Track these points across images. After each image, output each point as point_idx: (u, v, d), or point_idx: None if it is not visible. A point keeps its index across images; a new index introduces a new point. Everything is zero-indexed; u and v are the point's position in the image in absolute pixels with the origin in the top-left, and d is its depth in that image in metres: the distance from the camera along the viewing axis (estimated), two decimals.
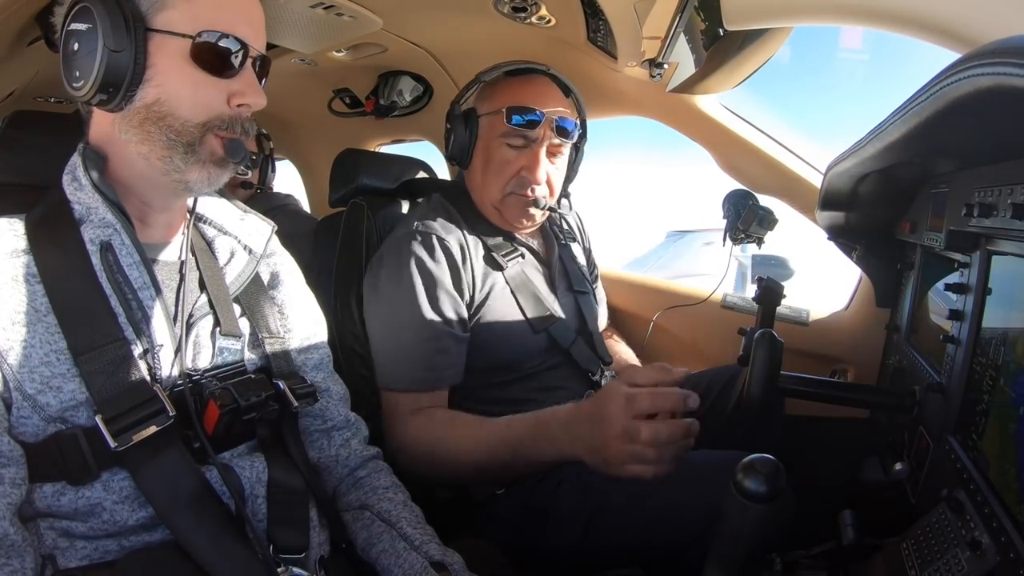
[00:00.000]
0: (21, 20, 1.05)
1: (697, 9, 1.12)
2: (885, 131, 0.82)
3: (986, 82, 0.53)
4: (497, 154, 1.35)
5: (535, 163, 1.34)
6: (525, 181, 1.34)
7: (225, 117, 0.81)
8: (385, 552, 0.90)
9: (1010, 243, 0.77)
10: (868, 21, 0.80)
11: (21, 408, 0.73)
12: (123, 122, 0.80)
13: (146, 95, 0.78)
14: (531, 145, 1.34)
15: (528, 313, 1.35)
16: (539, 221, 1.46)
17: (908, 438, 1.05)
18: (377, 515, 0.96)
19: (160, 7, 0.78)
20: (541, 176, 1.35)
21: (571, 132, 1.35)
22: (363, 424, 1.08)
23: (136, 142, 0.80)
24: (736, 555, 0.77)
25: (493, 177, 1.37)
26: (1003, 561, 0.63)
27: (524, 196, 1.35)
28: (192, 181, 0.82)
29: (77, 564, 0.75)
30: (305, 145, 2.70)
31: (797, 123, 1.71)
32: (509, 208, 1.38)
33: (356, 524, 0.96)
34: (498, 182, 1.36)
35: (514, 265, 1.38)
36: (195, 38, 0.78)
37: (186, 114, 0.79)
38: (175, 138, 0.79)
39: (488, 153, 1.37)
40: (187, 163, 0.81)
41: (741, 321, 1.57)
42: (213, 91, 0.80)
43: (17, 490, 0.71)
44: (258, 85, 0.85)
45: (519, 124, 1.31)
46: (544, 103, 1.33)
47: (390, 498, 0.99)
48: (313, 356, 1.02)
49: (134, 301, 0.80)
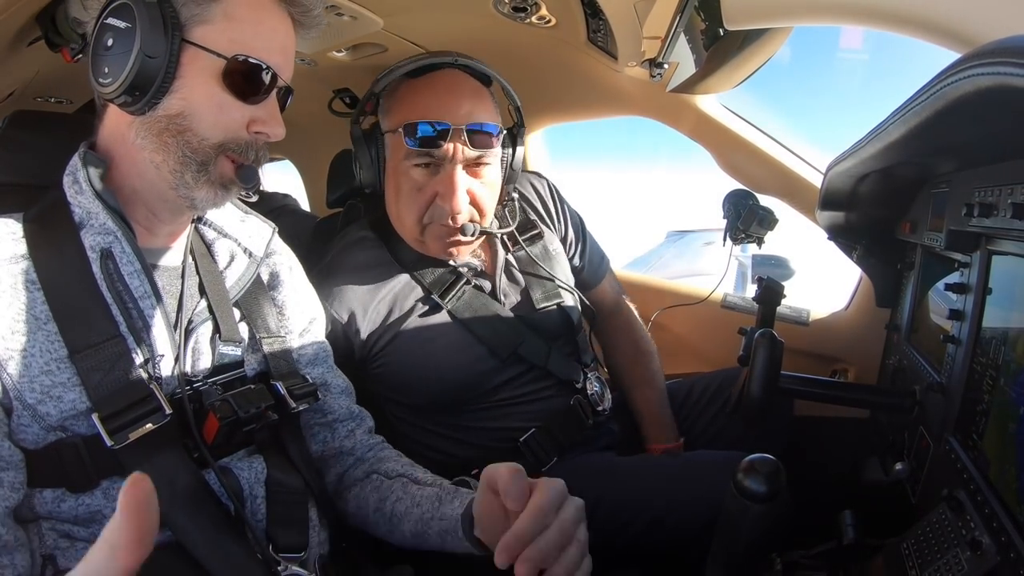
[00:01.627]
0: (21, 20, 1.05)
1: (697, 9, 1.11)
2: (885, 131, 0.82)
3: (986, 82, 0.53)
4: (406, 179, 1.14)
5: (450, 188, 1.12)
6: (443, 211, 1.13)
7: (241, 141, 0.81)
8: (400, 500, 0.90)
9: (1010, 243, 0.77)
10: (868, 21, 0.80)
11: (21, 416, 0.73)
12: (141, 127, 0.79)
13: (171, 105, 0.77)
14: (443, 164, 1.12)
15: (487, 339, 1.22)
16: (474, 246, 1.27)
17: (908, 438, 1.05)
18: (384, 475, 0.97)
19: (200, 20, 0.77)
20: (460, 202, 1.13)
21: (491, 138, 1.13)
22: (367, 415, 1.08)
23: (151, 149, 0.79)
24: (736, 555, 0.77)
25: (406, 207, 1.17)
26: (1003, 561, 0.63)
27: (445, 226, 1.15)
28: (198, 199, 0.82)
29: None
30: (305, 145, 2.70)
31: (797, 123, 1.70)
32: (431, 240, 1.19)
33: (366, 489, 0.96)
34: (412, 213, 1.16)
35: (457, 299, 1.21)
36: (229, 59, 0.77)
37: (205, 132, 0.79)
38: (190, 155, 0.79)
39: (397, 179, 1.16)
40: (197, 181, 0.80)
41: (741, 321, 1.57)
42: (236, 114, 0.80)
43: (15, 493, 0.71)
44: (279, 116, 0.84)
45: (419, 145, 1.09)
46: (451, 108, 1.11)
47: (395, 458, 1.00)
48: (309, 351, 1.02)
49: (135, 310, 0.80)
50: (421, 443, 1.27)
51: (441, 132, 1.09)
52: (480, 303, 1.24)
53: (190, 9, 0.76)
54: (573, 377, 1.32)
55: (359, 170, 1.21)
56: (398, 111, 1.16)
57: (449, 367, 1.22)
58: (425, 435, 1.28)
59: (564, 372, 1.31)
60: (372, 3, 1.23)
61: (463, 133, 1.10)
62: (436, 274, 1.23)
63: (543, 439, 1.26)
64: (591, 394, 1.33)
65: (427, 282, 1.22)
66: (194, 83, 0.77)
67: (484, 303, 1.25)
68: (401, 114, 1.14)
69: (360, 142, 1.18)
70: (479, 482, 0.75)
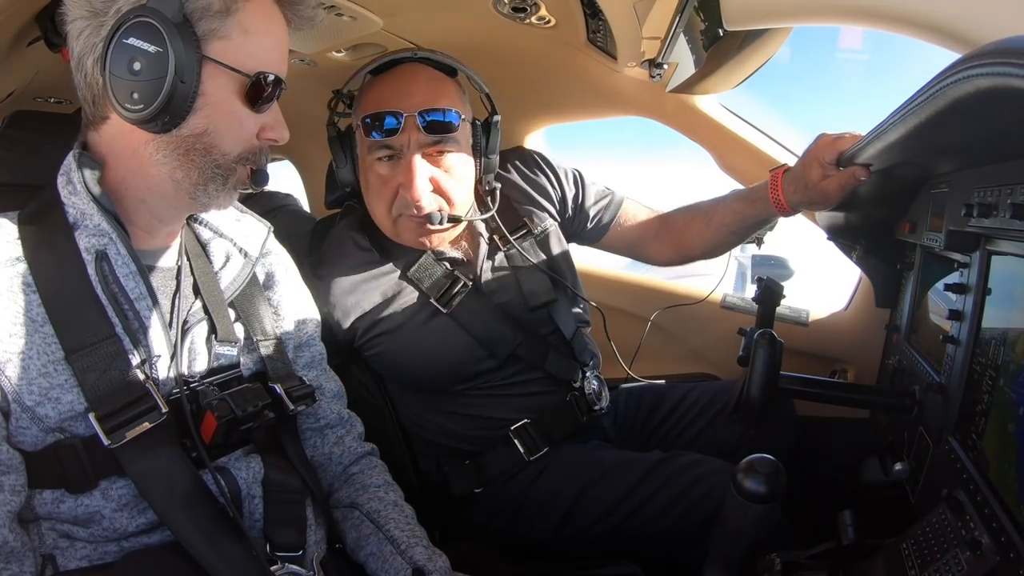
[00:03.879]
0: (21, 20, 1.05)
1: (697, 9, 1.12)
2: (885, 131, 0.82)
3: (986, 82, 0.53)
4: (372, 174, 1.18)
5: (409, 177, 1.14)
6: (406, 202, 1.16)
7: (255, 149, 0.82)
8: (373, 555, 0.91)
9: (1010, 243, 0.77)
10: (868, 21, 0.80)
11: (20, 419, 0.73)
12: (162, 144, 0.77)
13: (195, 125, 0.76)
14: (403, 153, 1.15)
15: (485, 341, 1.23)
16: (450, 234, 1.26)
17: (908, 438, 1.05)
18: (366, 515, 0.96)
19: (217, 35, 0.75)
20: (420, 189, 1.14)
21: (448, 124, 1.13)
22: (357, 420, 1.08)
23: (173, 167, 0.78)
24: (736, 555, 0.77)
25: (375, 200, 1.21)
26: (1003, 561, 0.63)
27: (412, 217, 1.18)
28: (215, 205, 0.83)
29: (77, 565, 0.75)
30: (305, 145, 2.69)
31: (797, 123, 1.70)
32: (403, 231, 1.21)
33: (346, 523, 0.96)
34: (381, 205, 1.20)
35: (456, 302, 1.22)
36: (252, 77, 0.77)
37: (227, 147, 0.79)
38: (216, 171, 0.79)
39: (367, 174, 1.20)
40: (219, 192, 0.80)
41: (741, 321, 1.57)
42: (251, 125, 0.80)
43: (16, 497, 0.71)
44: (283, 119, 0.85)
45: (378, 136, 1.12)
46: (405, 98, 1.13)
47: (380, 497, 0.99)
48: (306, 354, 1.02)
49: (130, 311, 0.80)
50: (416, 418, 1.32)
51: (394, 120, 1.11)
52: (476, 306, 1.25)
53: (207, 24, 0.74)
54: (571, 377, 1.33)
55: (337, 169, 1.24)
56: (361, 107, 1.20)
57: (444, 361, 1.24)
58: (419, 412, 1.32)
59: (561, 372, 1.31)
60: (372, 3, 1.23)
61: (416, 119, 1.11)
62: (432, 276, 1.23)
63: (534, 430, 1.27)
64: (588, 393, 1.34)
65: (425, 285, 1.23)
66: (216, 100, 0.76)
67: (481, 305, 1.25)
68: (362, 109, 1.18)
69: (335, 142, 1.22)
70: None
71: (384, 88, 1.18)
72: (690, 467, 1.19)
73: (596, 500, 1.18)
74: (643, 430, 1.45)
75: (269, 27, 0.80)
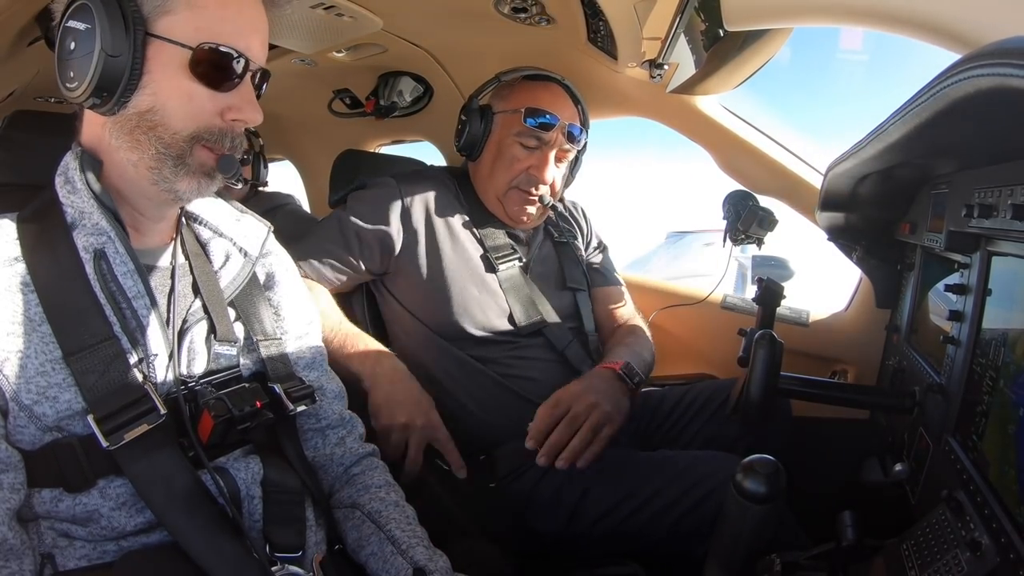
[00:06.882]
0: (21, 20, 1.05)
1: (697, 10, 1.12)
2: (885, 132, 0.82)
3: (986, 83, 0.53)
4: (509, 151, 1.42)
5: (544, 164, 1.41)
6: (532, 179, 1.41)
7: (215, 130, 0.80)
8: (374, 555, 0.91)
9: (1010, 244, 0.77)
10: (868, 22, 0.80)
11: (18, 418, 0.73)
12: (114, 127, 0.78)
13: (140, 102, 0.76)
14: (542, 147, 1.40)
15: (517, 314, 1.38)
16: (537, 220, 1.50)
17: (908, 439, 1.05)
18: (367, 515, 0.95)
19: (163, 11, 0.75)
20: (548, 176, 1.41)
21: (579, 139, 1.43)
22: (358, 421, 1.08)
23: (125, 149, 0.78)
24: (736, 555, 0.77)
25: (502, 171, 1.43)
26: (1003, 562, 0.63)
27: (527, 192, 1.42)
28: (181, 191, 0.81)
29: (75, 564, 0.75)
30: (305, 145, 2.70)
31: (797, 123, 1.70)
32: (511, 201, 1.44)
33: (347, 523, 0.96)
34: (506, 176, 1.42)
35: (507, 268, 1.43)
36: (195, 49, 0.76)
37: (177, 125, 0.77)
38: (164, 150, 0.78)
39: (500, 149, 1.43)
40: (176, 175, 0.79)
41: (741, 322, 1.57)
42: (208, 104, 0.78)
43: (16, 495, 0.71)
44: (255, 100, 0.83)
45: (535, 126, 1.38)
46: (558, 109, 1.40)
47: (381, 497, 0.98)
48: (306, 355, 1.02)
49: (128, 310, 0.79)
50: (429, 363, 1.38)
51: (552, 122, 1.39)
52: (520, 279, 1.43)
53: (152, 1, 0.75)
54: (583, 369, 1.37)
55: (465, 136, 1.44)
56: (517, 99, 1.42)
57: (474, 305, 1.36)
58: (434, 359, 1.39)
59: (577, 362, 1.39)
60: (372, 3, 1.23)
61: (564, 129, 1.40)
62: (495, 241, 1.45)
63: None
64: None
65: (487, 244, 1.43)
66: (161, 77, 0.76)
67: (524, 281, 1.43)
68: (521, 101, 1.41)
69: (475, 114, 1.44)
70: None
71: (545, 94, 1.42)
72: (693, 466, 1.19)
73: (599, 499, 1.18)
74: (646, 430, 1.46)
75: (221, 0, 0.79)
